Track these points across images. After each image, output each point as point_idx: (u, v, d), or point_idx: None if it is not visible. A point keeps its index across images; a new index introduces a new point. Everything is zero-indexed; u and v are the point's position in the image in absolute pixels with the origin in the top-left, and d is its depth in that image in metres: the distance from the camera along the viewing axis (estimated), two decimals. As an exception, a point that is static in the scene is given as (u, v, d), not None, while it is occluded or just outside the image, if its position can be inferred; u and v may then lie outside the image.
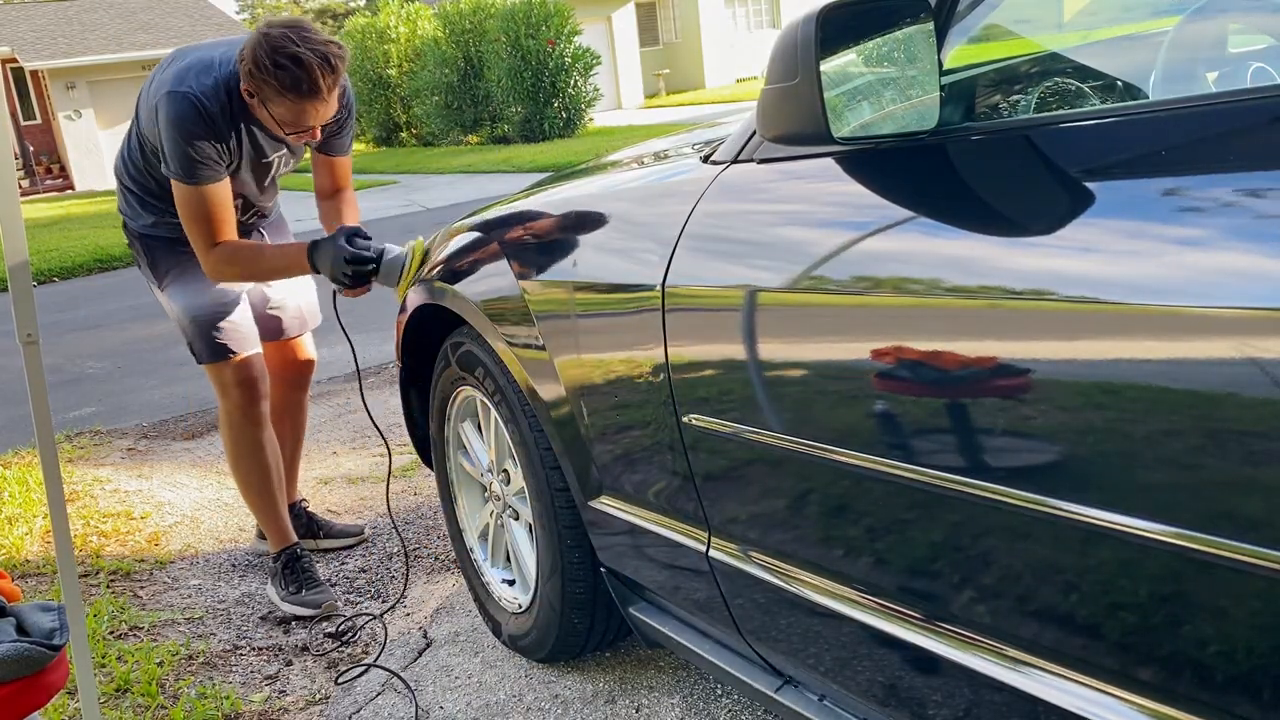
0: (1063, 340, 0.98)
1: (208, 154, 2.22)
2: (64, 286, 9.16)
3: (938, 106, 1.23)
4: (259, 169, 2.44)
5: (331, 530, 2.97)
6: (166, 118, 2.20)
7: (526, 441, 1.89)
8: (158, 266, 2.54)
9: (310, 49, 2.09)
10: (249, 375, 2.55)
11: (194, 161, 2.22)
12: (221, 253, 2.33)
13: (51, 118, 23.36)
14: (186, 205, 2.28)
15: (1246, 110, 1.03)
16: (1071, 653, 1.04)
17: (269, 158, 2.42)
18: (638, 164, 2.04)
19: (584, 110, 18.62)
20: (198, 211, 2.28)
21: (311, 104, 2.14)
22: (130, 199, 2.52)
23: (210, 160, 2.24)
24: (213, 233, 2.31)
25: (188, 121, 2.19)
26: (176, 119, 2.19)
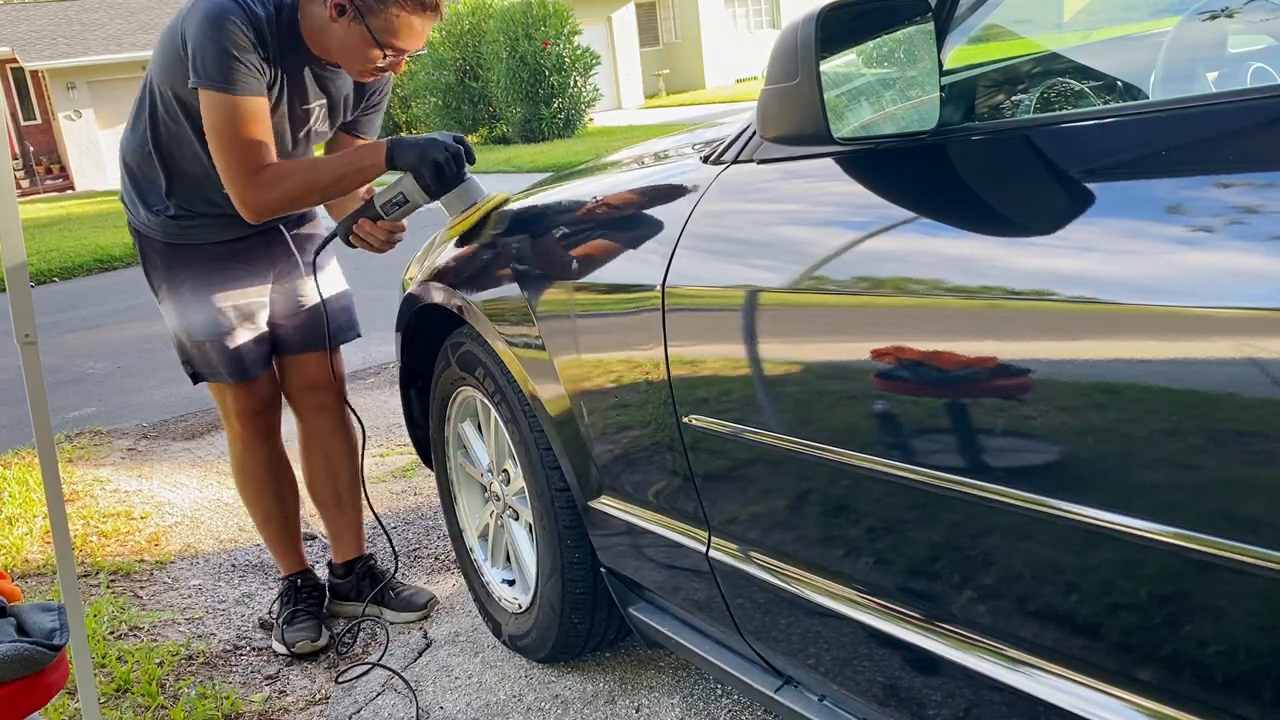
0: (1063, 340, 0.98)
1: (248, 54, 1.89)
2: (64, 286, 9.16)
3: (938, 106, 1.23)
4: (295, 117, 2.11)
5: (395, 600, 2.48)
6: (202, 14, 1.89)
7: (526, 441, 1.89)
8: (151, 277, 2.27)
9: None
10: (245, 404, 2.30)
11: (234, 61, 1.88)
12: (272, 174, 1.95)
13: (51, 118, 23.36)
14: (222, 121, 1.91)
15: (1246, 110, 1.03)
16: (1071, 653, 1.04)
17: (310, 104, 2.11)
18: (638, 164, 2.04)
19: (584, 110, 18.63)
20: (236, 129, 1.91)
21: (425, 20, 1.92)
22: (129, 184, 2.21)
23: (252, 63, 1.90)
24: (255, 154, 1.93)
25: (225, 15, 1.88)
26: (217, 13, 1.88)
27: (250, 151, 1.92)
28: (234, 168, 1.93)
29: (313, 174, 2.02)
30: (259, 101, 1.93)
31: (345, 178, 2.02)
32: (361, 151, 2.02)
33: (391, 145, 1.97)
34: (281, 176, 1.97)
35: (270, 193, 1.96)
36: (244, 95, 1.90)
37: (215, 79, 1.88)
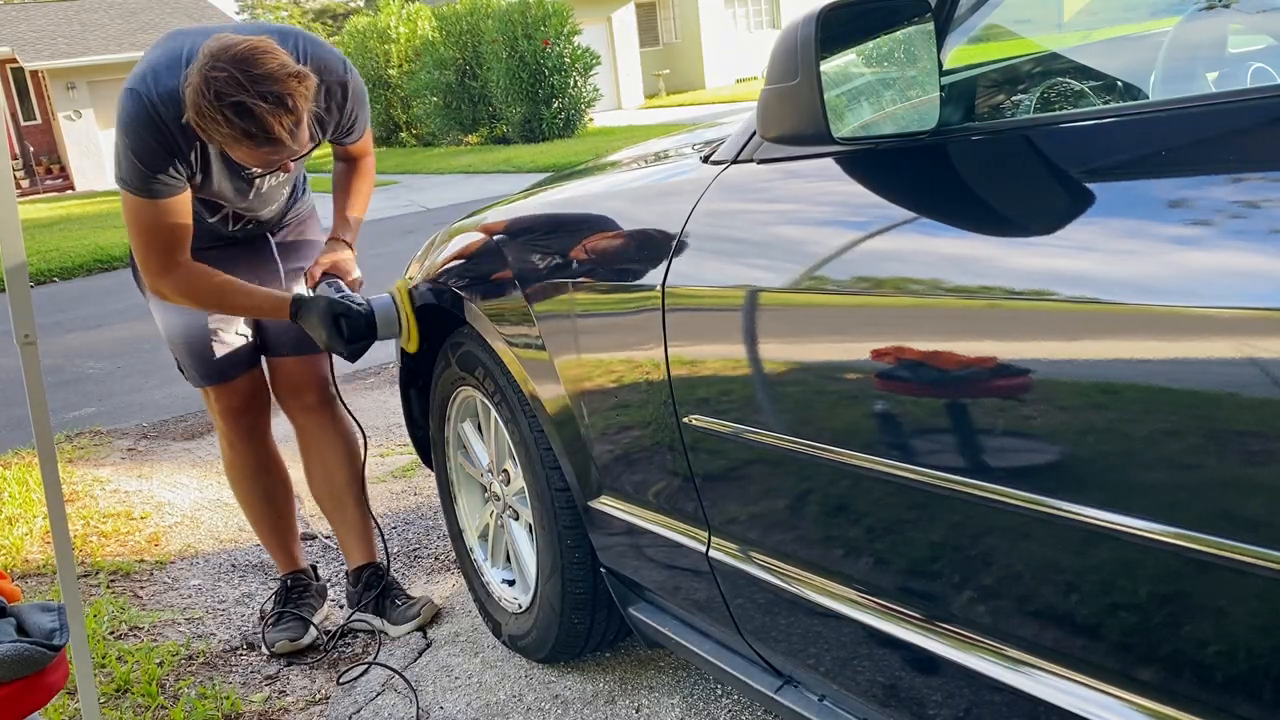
0: (1063, 340, 0.98)
1: (153, 165, 1.91)
2: (64, 286, 9.16)
3: (938, 106, 1.23)
4: (239, 185, 2.11)
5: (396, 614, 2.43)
6: (119, 117, 1.92)
7: (526, 441, 1.89)
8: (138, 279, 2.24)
9: (260, 91, 1.75)
10: (228, 405, 2.34)
11: (138, 171, 1.90)
12: (182, 279, 2.04)
13: (51, 118, 23.36)
14: (135, 219, 1.97)
15: (1246, 110, 1.03)
16: (1071, 653, 1.03)
17: (249, 169, 2.07)
18: (638, 164, 2.04)
19: (584, 110, 18.62)
20: (147, 227, 1.98)
21: (270, 150, 1.83)
22: None
23: (163, 173, 1.92)
24: (166, 252, 2.00)
25: (138, 127, 1.88)
26: (126, 122, 1.89)
27: (161, 251, 2.00)
28: (145, 259, 2.03)
29: (214, 296, 2.11)
30: (171, 202, 1.96)
31: (245, 311, 2.20)
32: (266, 300, 2.14)
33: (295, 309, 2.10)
34: (185, 283, 2.06)
35: (175, 294, 2.08)
36: (153, 199, 1.94)
37: (127, 182, 1.93)
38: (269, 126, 1.77)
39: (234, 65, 1.75)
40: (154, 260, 2.01)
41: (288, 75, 1.78)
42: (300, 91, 1.80)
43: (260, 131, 1.77)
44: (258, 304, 2.14)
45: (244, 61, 1.75)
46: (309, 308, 2.07)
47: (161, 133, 1.88)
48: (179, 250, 2.01)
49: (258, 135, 1.78)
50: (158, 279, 2.04)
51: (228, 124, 1.76)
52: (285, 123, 1.78)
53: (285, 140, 1.80)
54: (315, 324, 2.06)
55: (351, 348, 2.08)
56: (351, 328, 2.06)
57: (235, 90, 1.74)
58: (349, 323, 2.05)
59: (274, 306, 2.13)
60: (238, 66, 1.75)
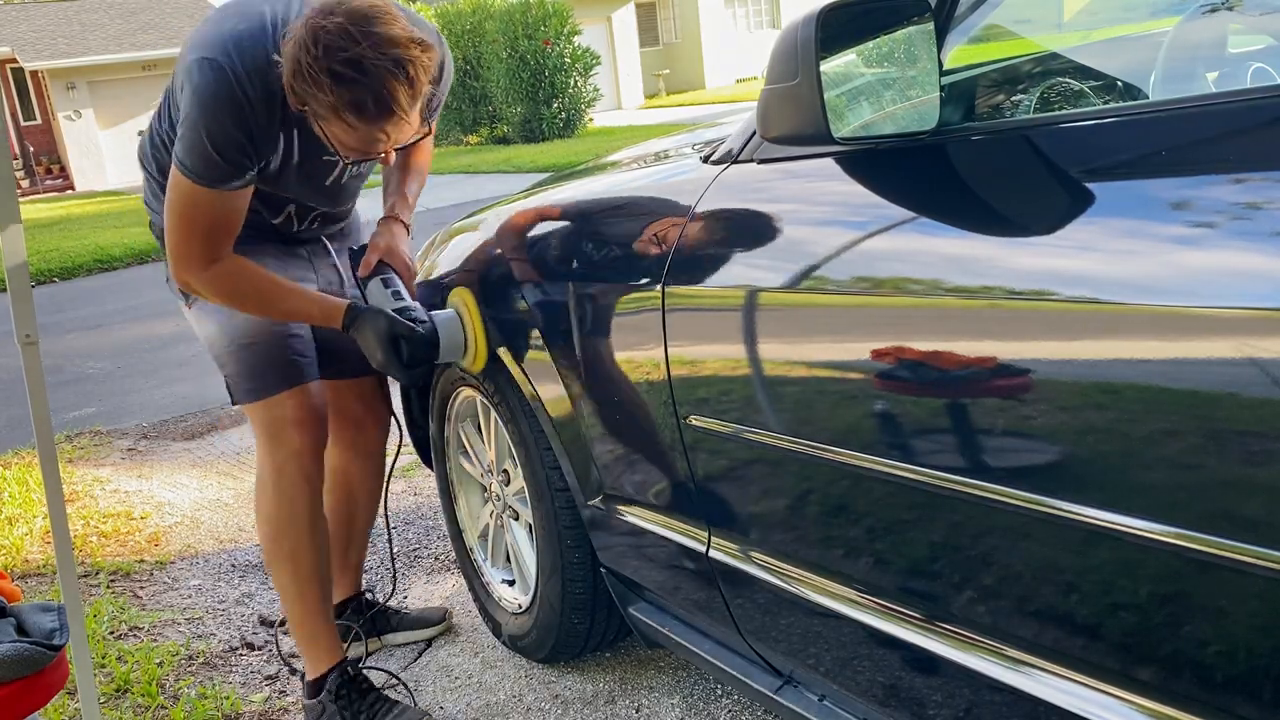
0: (1063, 340, 0.98)
1: (232, 152, 1.65)
2: (64, 286, 9.16)
3: (938, 106, 1.23)
4: (316, 168, 1.84)
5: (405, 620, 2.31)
6: (192, 90, 1.63)
7: (526, 441, 1.89)
8: None
9: (380, 53, 1.50)
10: (311, 409, 1.92)
11: (211, 159, 1.64)
12: (222, 273, 1.77)
13: (51, 118, 23.36)
14: (184, 205, 1.70)
15: (1246, 110, 1.03)
16: (1071, 653, 1.04)
17: (332, 154, 1.76)
18: (638, 164, 2.04)
19: (584, 110, 18.63)
20: (197, 216, 1.71)
21: (380, 127, 1.57)
22: (155, 188, 1.94)
23: (234, 161, 1.66)
24: (212, 243, 1.74)
25: (218, 107, 1.61)
26: (203, 97, 1.61)
27: (206, 241, 1.74)
28: (182, 251, 1.75)
29: (256, 296, 1.82)
30: (233, 195, 1.71)
31: (294, 314, 1.88)
32: (316, 312, 1.86)
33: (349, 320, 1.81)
34: (227, 278, 1.78)
35: (211, 289, 1.79)
36: (215, 189, 1.68)
37: (187, 166, 1.66)
38: (386, 93, 1.51)
39: (350, 19, 1.50)
40: (195, 251, 1.74)
41: (410, 41, 1.52)
42: (422, 61, 1.54)
43: (373, 99, 1.51)
44: (306, 308, 1.85)
45: (362, 18, 1.50)
46: (366, 322, 1.79)
47: (244, 113, 1.63)
48: (225, 242, 1.76)
49: (369, 104, 1.51)
50: (194, 271, 1.76)
51: (335, 86, 1.50)
52: (405, 95, 1.52)
53: (402, 113, 1.54)
54: (372, 342, 1.78)
55: (410, 373, 1.81)
56: (412, 351, 1.79)
57: (349, 44, 1.48)
58: (410, 346, 1.78)
59: (325, 313, 1.84)
60: (354, 21, 1.50)
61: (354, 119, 1.54)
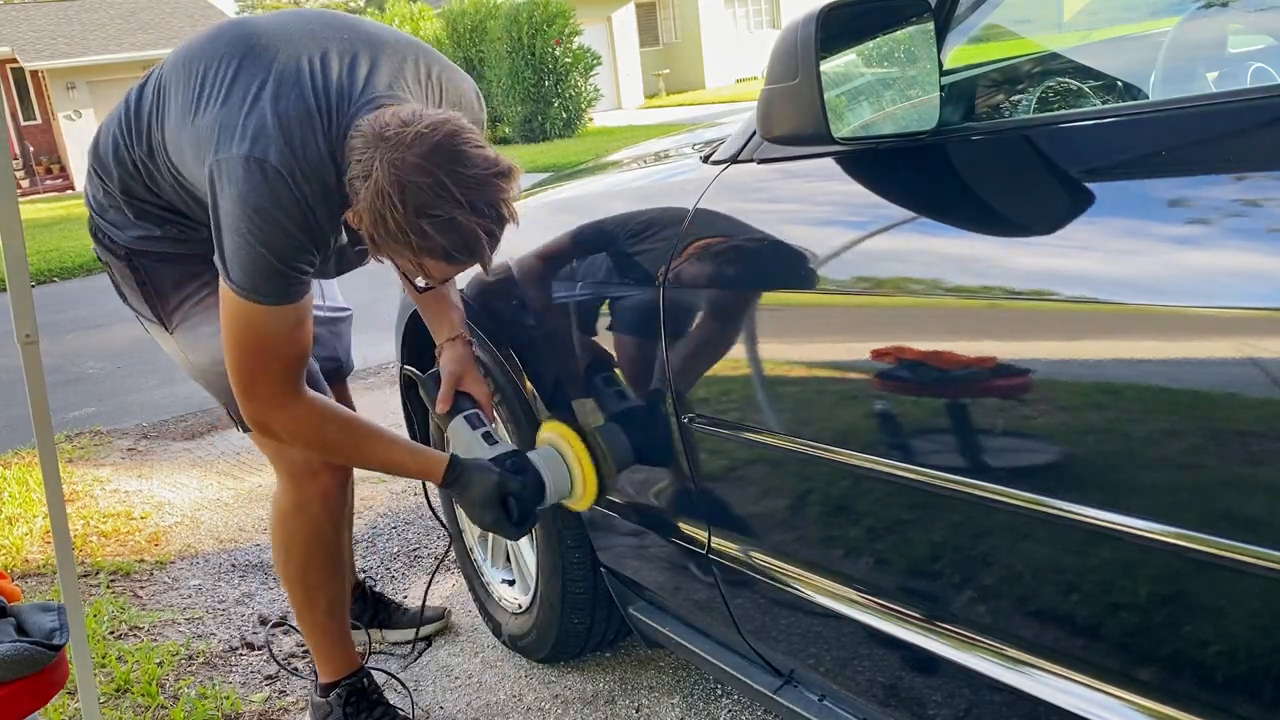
0: (1063, 340, 0.98)
1: (296, 259, 1.45)
2: (64, 286, 9.16)
3: (938, 106, 1.23)
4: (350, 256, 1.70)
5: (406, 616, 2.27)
6: (241, 199, 1.42)
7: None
8: (164, 297, 1.76)
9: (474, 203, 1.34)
10: None
11: (274, 273, 1.44)
12: (300, 418, 1.56)
13: (51, 118, 23.36)
14: (250, 331, 1.49)
15: (1246, 110, 1.03)
16: (1071, 653, 1.04)
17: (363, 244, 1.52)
18: (638, 164, 2.04)
19: (584, 110, 18.64)
20: (267, 342, 1.49)
21: (466, 266, 1.45)
22: (118, 201, 1.71)
23: (299, 269, 1.47)
24: (293, 375, 1.53)
25: (277, 214, 1.41)
26: (258, 208, 1.41)
27: (279, 371, 1.52)
28: (253, 385, 1.53)
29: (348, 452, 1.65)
30: (298, 308, 1.50)
31: (381, 468, 1.69)
32: (412, 465, 1.65)
33: (452, 478, 1.62)
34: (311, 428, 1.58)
35: (289, 432, 1.58)
36: (282, 304, 1.48)
37: (243, 287, 1.45)
38: (478, 248, 1.36)
39: (440, 166, 1.33)
40: (270, 388, 1.52)
41: (498, 174, 1.37)
42: (510, 191, 1.40)
43: (466, 252, 1.37)
44: (401, 459, 1.64)
45: (451, 158, 1.33)
46: (474, 481, 1.60)
47: (305, 218, 1.44)
48: (303, 367, 1.54)
49: (460, 256, 1.38)
50: (271, 413, 1.54)
51: (423, 241, 1.35)
52: (493, 244, 1.39)
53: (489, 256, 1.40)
54: (480, 503, 1.60)
55: (520, 530, 1.63)
56: (522, 508, 1.61)
57: (446, 205, 1.33)
58: (520, 503, 1.60)
59: (422, 467, 1.63)
60: (444, 167, 1.33)
61: (443, 264, 1.41)
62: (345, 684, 1.95)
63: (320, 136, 1.43)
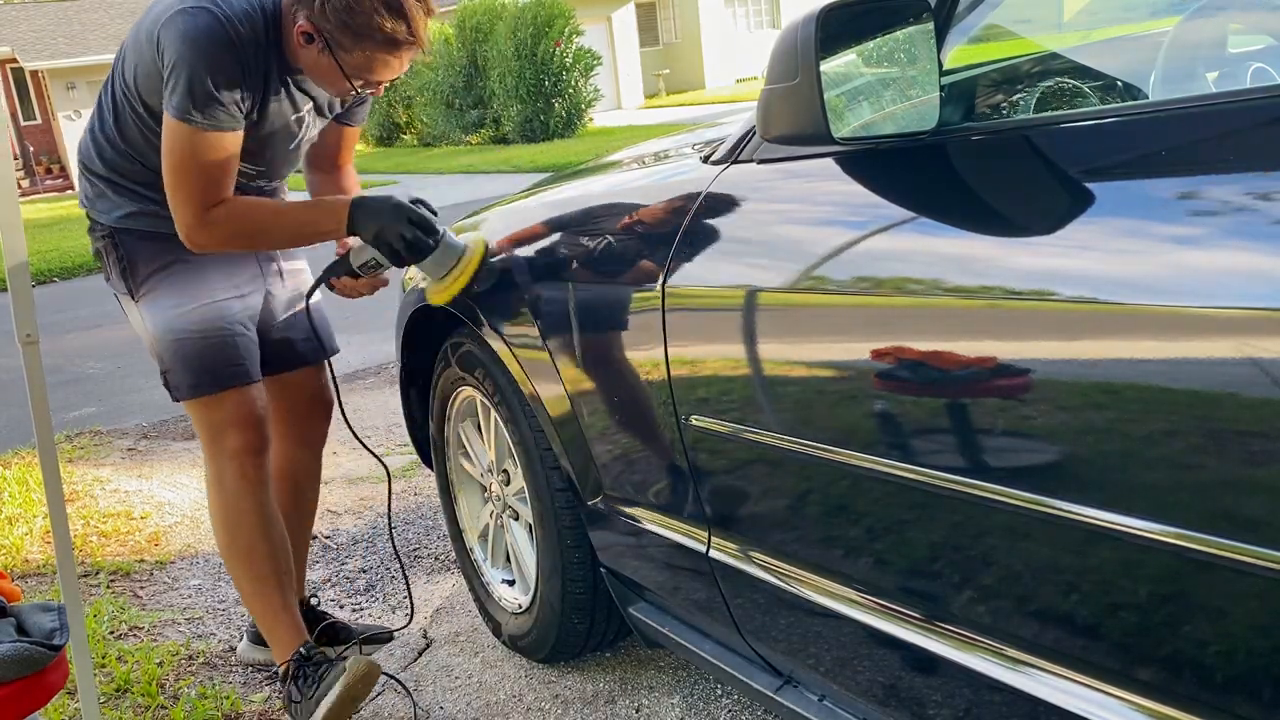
0: (1063, 340, 0.98)
1: (226, 89, 1.72)
2: (64, 286, 9.17)
3: (938, 106, 1.23)
4: (286, 131, 1.94)
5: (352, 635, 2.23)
6: (180, 34, 1.70)
7: (526, 442, 1.89)
8: (135, 269, 1.97)
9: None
10: (250, 412, 1.96)
11: (207, 95, 1.70)
12: (224, 213, 1.80)
13: (51, 118, 23.36)
14: (184, 153, 1.74)
15: (1246, 110, 1.03)
16: (1071, 653, 1.04)
17: (300, 112, 1.93)
18: (638, 164, 2.04)
19: (584, 110, 18.64)
20: (198, 162, 1.75)
21: (404, 54, 1.75)
22: (101, 187, 1.97)
23: (228, 99, 1.73)
24: (213, 190, 1.78)
25: (209, 41, 1.69)
26: (194, 35, 1.69)
27: (207, 188, 1.77)
28: (186, 202, 1.78)
29: (266, 223, 1.88)
30: (227, 137, 1.77)
31: (298, 236, 1.91)
32: (321, 210, 1.90)
33: (353, 210, 1.82)
34: (233, 218, 1.82)
35: (218, 232, 1.82)
36: (211, 130, 1.74)
37: (182, 108, 1.71)
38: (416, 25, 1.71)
39: None
40: (198, 196, 1.77)
41: None
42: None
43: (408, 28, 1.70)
44: (316, 219, 1.88)
45: None
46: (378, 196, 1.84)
47: (237, 52, 1.72)
48: (227, 185, 1.80)
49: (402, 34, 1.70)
50: (199, 215, 1.78)
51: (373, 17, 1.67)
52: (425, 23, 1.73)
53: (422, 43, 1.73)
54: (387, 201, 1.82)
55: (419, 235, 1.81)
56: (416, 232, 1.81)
57: None
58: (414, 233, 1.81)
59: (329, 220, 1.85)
60: None
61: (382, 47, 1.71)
62: (292, 660, 1.98)
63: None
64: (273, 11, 1.77)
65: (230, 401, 1.95)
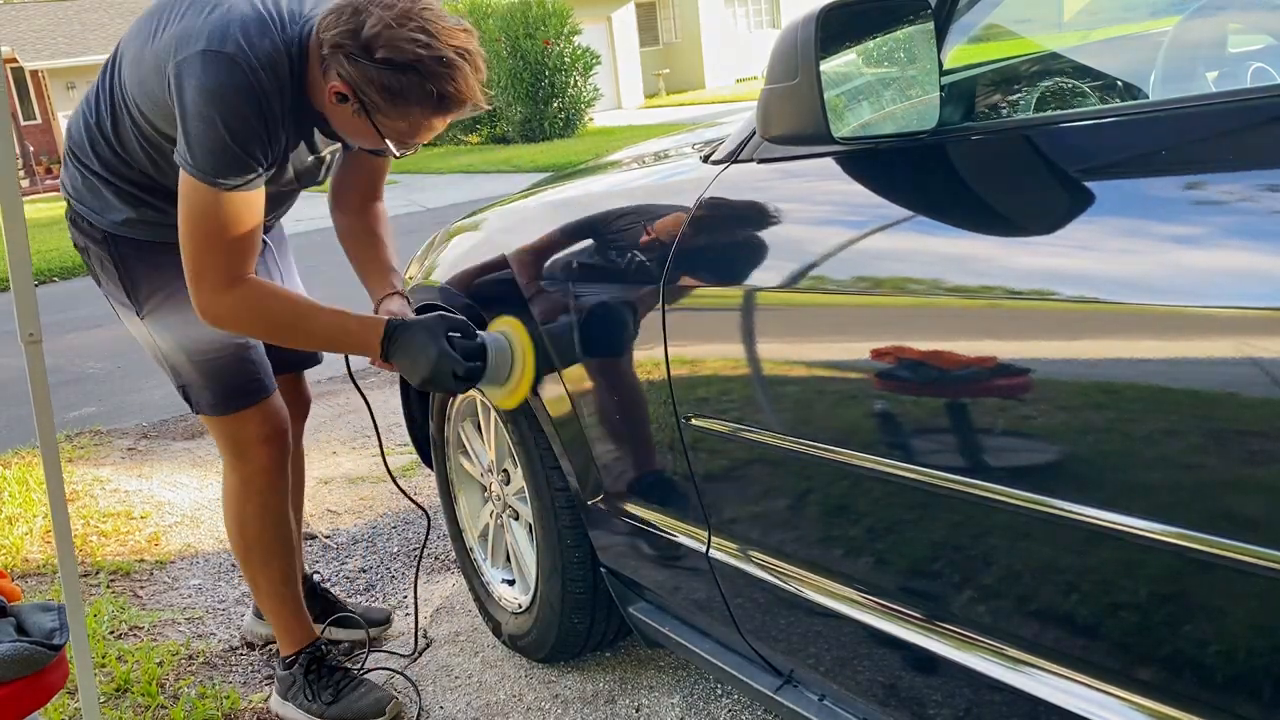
0: (1063, 340, 0.98)
1: (254, 145, 1.58)
2: (64, 286, 9.16)
3: (938, 106, 1.23)
4: (306, 171, 1.83)
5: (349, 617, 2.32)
6: (201, 88, 1.54)
7: (526, 441, 1.89)
8: (136, 285, 1.85)
9: (455, 44, 1.53)
10: (275, 426, 1.94)
11: (233, 156, 1.56)
12: (247, 297, 1.65)
13: (51, 118, 23.36)
14: (208, 218, 1.60)
15: (1246, 110, 1.03)
16: (1071, 653, 1.04)
17: (322, 153, 1.81)
18: (638, 164, 2.04)
19: (584, 110, 18.65)
20: (224, 228, 1.60)
21: (450, 117, 1.60)
22: (94, 183, 1.82)
23: (254, 157, 1.59)
24: (236, 262, 1.63)
25: (235, 95, 1.54)
26: (217, 89, 1.53)
27: (230, 260, 1.63)
28: (204, 270, 1.63)
29: (290, 322, 1.72)
30: (251, 196, 1.62)
31: (323, 345, 1.82)
32: (351, 329, 1.74)
33: (388, 336, 1.70)
34: (257, 306, 1.68)
35: (238, 313, 1.68)
36: (238, 191, 1.60)
37: (205, 171, 1.57)
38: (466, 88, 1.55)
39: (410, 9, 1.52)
40: (220, 273, 1.62)
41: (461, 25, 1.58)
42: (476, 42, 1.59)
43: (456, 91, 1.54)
44: (345, 325, 1.73)
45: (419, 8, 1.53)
46: (412, 329, 1.68)
47: (261, 105, 1.57)
48: (251, 255, 1.65)
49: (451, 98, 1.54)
50: (218, 296, 1.64)
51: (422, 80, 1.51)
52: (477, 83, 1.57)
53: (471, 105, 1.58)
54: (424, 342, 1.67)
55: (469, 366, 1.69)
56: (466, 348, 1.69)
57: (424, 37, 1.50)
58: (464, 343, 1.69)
59: (363, 338, 1.72)
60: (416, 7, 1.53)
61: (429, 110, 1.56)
62: (305, 653, 2.07)
63: (275, 39, 1.59)
64: (298, 53, 1.61)
65: (255, 417, 1.92)
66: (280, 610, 2.07)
